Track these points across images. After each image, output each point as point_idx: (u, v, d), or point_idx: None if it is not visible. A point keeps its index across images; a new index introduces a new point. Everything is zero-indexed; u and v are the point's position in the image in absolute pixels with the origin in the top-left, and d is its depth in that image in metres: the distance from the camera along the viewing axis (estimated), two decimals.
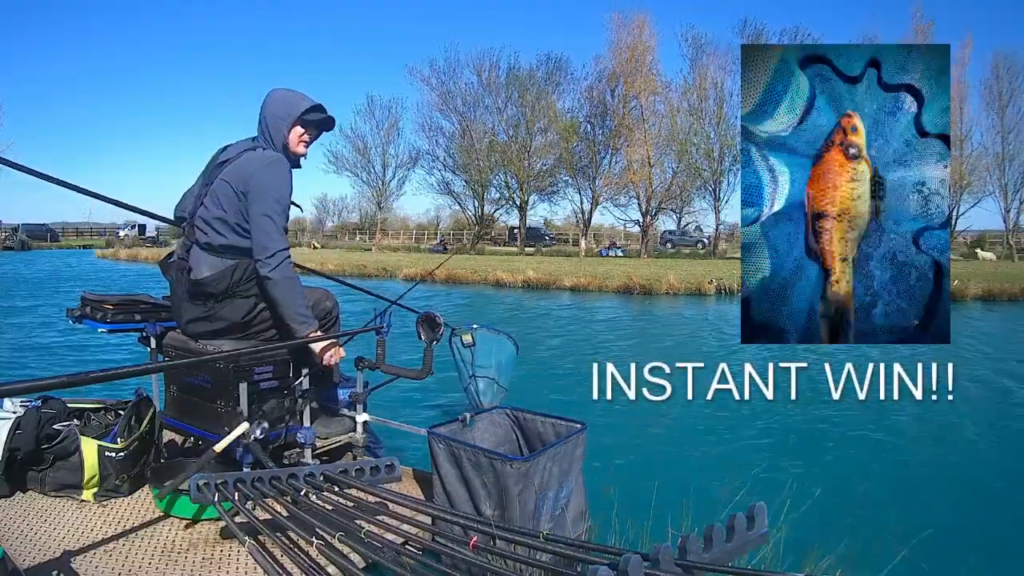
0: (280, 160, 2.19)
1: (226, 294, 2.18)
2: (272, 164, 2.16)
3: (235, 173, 2.16)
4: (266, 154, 2.20)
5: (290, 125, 2.23)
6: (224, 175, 2.17)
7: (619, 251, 35.34)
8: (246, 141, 2.28)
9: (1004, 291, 15.50)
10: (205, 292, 2.17)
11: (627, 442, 4.59)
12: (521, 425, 2.52)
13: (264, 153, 2.20)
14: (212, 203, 2.17)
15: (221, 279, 2.15)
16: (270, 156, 2.19)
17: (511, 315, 13.54)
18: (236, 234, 2.16)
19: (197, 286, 2.17)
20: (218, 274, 2.15)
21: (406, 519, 1.60)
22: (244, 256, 2.18)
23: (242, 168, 2.16)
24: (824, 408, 5.69)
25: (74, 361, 7.15)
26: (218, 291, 2.16)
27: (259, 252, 2.10)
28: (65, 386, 1.36)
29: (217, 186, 2.17)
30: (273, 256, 2.09)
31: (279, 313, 2.15)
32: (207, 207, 2.18)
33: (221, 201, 2.15)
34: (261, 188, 2.11)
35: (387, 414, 2.75)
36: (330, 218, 56.23)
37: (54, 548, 1.75)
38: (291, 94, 2.28)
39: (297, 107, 2.23)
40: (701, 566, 1.21)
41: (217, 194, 2.16)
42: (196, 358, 2.17)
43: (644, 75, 33.19)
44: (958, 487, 3.96)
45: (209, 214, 2.17)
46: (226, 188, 2.15)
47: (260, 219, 2.10)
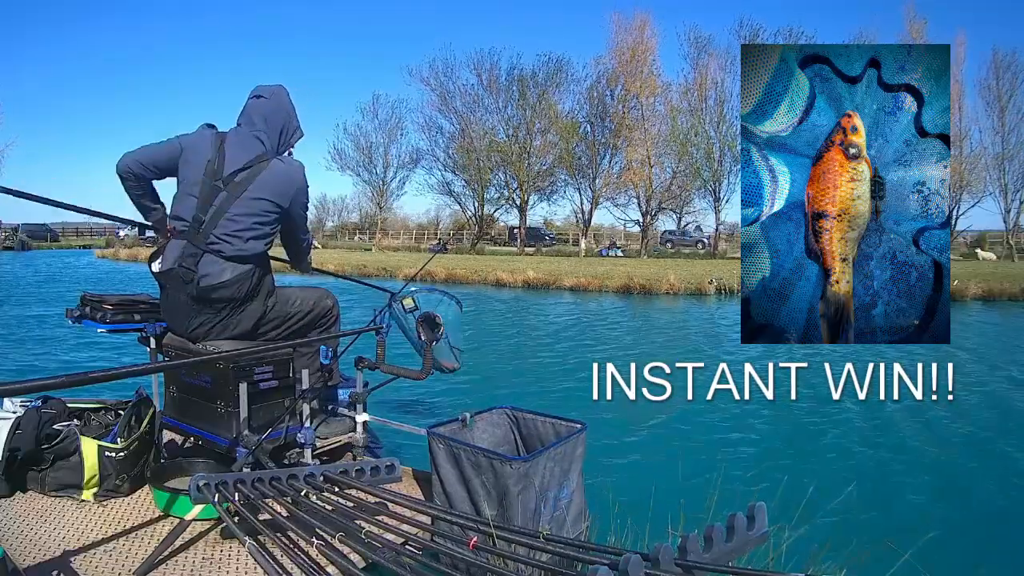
0: (304, 170, 2.24)
1: (246, 298, 2.17)
2: (304, 176, 2.24)
3: (273, 187, 2.13)
4: (294, 165, 2.22)
5: (298, 139, 2.30)
6: (255, 190, 2.11)
7: (619, 251, 35.34)
8: (249, 138, 2.17)
9: (1004, 291, 15.49)
10: (224, 297, 2.13)
11: (627, 442, 4.59)
12: (521, 425, 2.52)
13: (293, 164, 2.22)
14: (240, 214, 2.10)
15: (241, 283, 2.14)
16: (300, 169, 2.23)
17: (511, 315, 13.54)
18: (262, 242, 2.17)
19: (212, 290, 2.11)
20: (238, 277, 2.13)
21: (406, 519, 1.60)
22: (261, 261, 2.20)
23: (281, 182, 2.15)
24: (824, 408, 5.69)
25: (75, 360, 7.15)
26: (240, 295, 2.15)
27: (298, 256, 2.47)
28: (65, 386, 1.35)
29: (248, 199, 2.11)
30: (307, 253, 2.48)
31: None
32: (234, 219, 2.10)
33: (251, 212, 2.11)
34: (303, 200, 2.26)
35: (387, 414, 2.75)
36: (330, 218, 56.31)
37: (54, 548, 1.75)
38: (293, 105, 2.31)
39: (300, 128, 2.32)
40: (701, 566, 1.21)
41: (246, 206, 2.11)
42: (196, 358, 2.17)
43: (644, 75, 33.21)
44: (959, 487, 3.96)
45: (238, 225, 2.10)
46: (262, 203, 2.12)
47: (299, 234, 2.36)
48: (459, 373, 2.94)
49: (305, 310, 2.35)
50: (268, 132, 2.19)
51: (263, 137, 2.18)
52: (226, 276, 2.11)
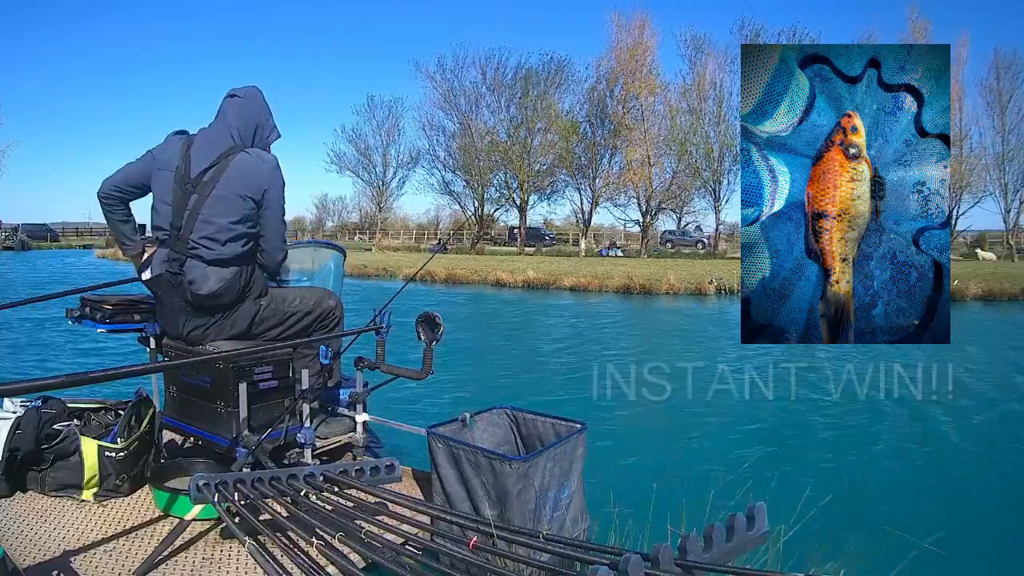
0: (278, 162, 2.20)
1: (236, 301, 2.18)
2: (277, 167, 2.19)
3: (240, 180, 2.10)
4: (265, 157, 2.18)
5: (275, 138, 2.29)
6: (224, 187, 2.08)
7: (619, 251, 35.34)
8: (219, 136, 2.16)
9: (1004, 291, 15.49)
10: (218, 304, 2.15)
11: (627, 442, 4.59)
12: (521, 425, 2.52)
13: (263, 156, 2.18)
14: (213, 214, 2.08)
15: (231, 288, 2.14)
16: (271, 159, 2.19)
17: (511, 315, 13.54)
18: (240, 242, 2.14)
19: (206, 299, 2.12)
20: (228, 283, 2.13)
21: (406, 519, 1.60)
22: (245, 261, 2.18)
23: (250, 175, 2.11)
24: (824, 408, 5.69)
25: (75, 360, 7.14)
26: (231, 301, 2.16)
27: (274, 252, 2.26)
28: (65, 386, 1.35)
29: (219, 197, 2.08)
30: (283, 251, 2.30)
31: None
32: (209, 220, 2.08)
33: (225, 211, 2.08)
34: (277, 195, 2.18)
35: (387, 414, 2.74)
36: (330, 218, 56.38)
37: (54, 548, 1.75)
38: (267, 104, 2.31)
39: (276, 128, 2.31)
40: (701, 566, 1.21)
41: (219, 205, 2.08)
42: (196, 358, 2.17)
43: (644, 75, 33.20)
44: (959, 487, 3.96)
45: (214, 227, 2.08)
46: (233, 199, 2.08)
47: (276, 224, 2.22)
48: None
49: (305, 310, 2.35)
50: (241, 128, 2.19)
51: (234, 133, 2.18)
52: (212, 284, 2.10)
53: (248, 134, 2.20)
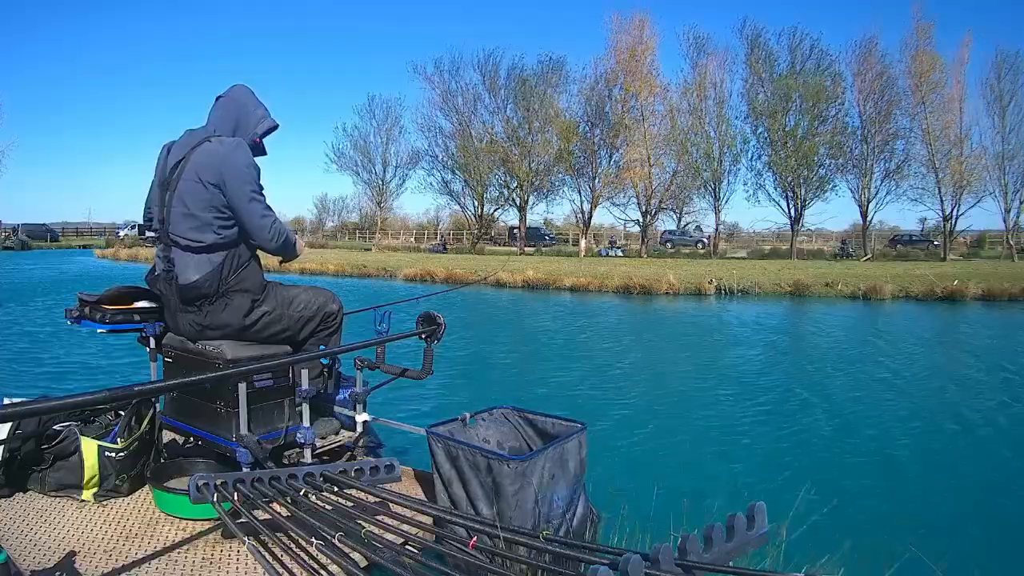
0: (242, 143, 2.18)
1: (219, 293, 2.17)
2: (238, 147, 2.15)
3: (200, 167, 2.11)
4: (225, 140, 2.17)
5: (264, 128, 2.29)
6: (187, 175, 2.12)
7: (619, 251, 35.33)
8: (196, 134, 2.21)
9: (1004, 291, 15.48)
10: (198, 295, 2.16)
11: (627, 442, 4.59)
12: (521, 424, 2.52)
13: (224, 140, 2.17)
14: (181, 205, 2.12)
15: (211, 278, 2.15)
16: (231, 141, 2.16)
17: (511, 315, 13.54)
18: (214, 230, 2.14)
19: (188, 291, 2.15)
20: (207, 274, 2.14)
21: (406, 519, 1.60)
22: (227, 249, 2.18)
23: (206, 160, 2.11)
24: (824, 409, 5.70)
25: (76, 360, 7.15)
26: (211, 291, 2.16)
27: (260, 232, 2.18)
28: (109, 401, 1.36)
29: (183, 187, 2.12)
30: (271, 231, 2.19)
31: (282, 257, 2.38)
32: (177, 211, 2.13)
33: (191, 200, 2.11)
34: (238, 174, 2.12)
35: (387, 414, 2.74)
36: (330, 218, 56.41)
37: (54, 548, 1.75)
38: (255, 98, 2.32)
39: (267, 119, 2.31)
40: (701, 566, 1.21)
41: (185, 194, 2.11)
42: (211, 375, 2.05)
43: (644, 75, 33.17)
44: (959, 487, 3.96)
45: (181, 217, 2.13)
46: (194, 186, 2.10)
47: (248, 204, 2.14)
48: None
49: (308, 314, 2.35)
50: (220, 126, 2.23)
51: (211, 129, 2.22)
52: (192, 275, 2.15)
53: (227, 129, 2.23)
